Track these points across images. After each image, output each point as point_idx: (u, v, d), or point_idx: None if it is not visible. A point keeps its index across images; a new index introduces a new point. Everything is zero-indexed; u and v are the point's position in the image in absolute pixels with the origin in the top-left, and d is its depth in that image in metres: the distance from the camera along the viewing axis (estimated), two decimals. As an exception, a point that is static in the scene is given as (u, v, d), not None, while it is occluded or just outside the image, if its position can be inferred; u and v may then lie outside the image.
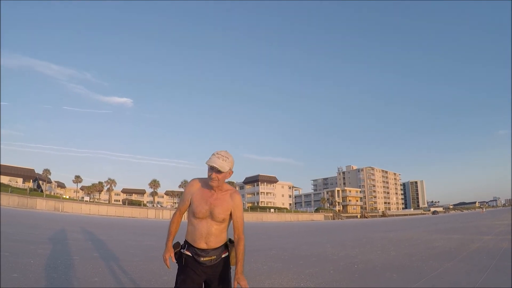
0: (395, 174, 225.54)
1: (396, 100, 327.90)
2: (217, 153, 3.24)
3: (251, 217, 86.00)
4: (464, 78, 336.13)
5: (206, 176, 3.31)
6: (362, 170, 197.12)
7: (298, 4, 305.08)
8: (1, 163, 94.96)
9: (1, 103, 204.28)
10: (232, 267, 3.36)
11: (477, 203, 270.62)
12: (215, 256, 3.32)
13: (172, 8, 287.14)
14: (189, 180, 3.53)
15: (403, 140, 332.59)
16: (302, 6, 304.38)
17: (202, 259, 3.27)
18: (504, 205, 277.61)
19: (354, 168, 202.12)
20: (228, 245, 3.44)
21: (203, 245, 3.27)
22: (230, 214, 3.39)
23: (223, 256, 3.38)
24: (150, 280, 7.76)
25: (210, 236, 3.28)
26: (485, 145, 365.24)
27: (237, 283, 3.09)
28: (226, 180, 3.38)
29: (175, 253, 3.36)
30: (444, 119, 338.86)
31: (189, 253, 3.31)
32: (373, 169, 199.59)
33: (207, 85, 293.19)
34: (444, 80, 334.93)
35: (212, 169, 3.19)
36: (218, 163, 3.16)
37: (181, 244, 3.43)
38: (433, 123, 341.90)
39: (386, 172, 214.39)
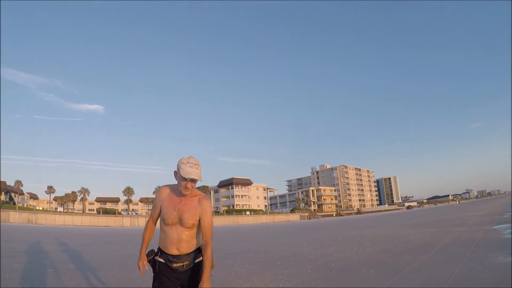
0: (368, 171, 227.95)
1: (367, 96, 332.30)
2: (188, 162, 3.18)
3: (227, 221, 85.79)
4: (436, 70, 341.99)
5: (176, 183, 3.31)
6: (335, 169, 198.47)
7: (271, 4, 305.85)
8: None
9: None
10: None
11: (450, 196, 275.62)
12: (187, 262, 3.29)
13: (139, 10, 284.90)
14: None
15: (375, 136, 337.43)
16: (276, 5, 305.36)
17: (174, 265, 3.25)
18: (476, 197, 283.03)
19: (327, 167, 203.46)
20: (202, 249, 3.33)
21: (174, 251, 3.25)
22: None
23: (196, 261, 3.34)
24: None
25: (181, 242, 3.25)
26: (456, 138, 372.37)
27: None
28: (198, 185, 3.38)
29: (149, 261, 3.37)
30: (416, 114, 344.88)
31: (162, 260, 3.29)
32: (346, 167, 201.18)
33: (177, 89, 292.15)
34: (416, 72, 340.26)
35: (186, 179, 3.15)
36: (197, 175, 3.16)
37: (155, 251, 3.42)
38: (405, 118, 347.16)
39: (360, 169, 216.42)
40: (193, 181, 3.18)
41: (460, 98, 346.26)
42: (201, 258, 3.32)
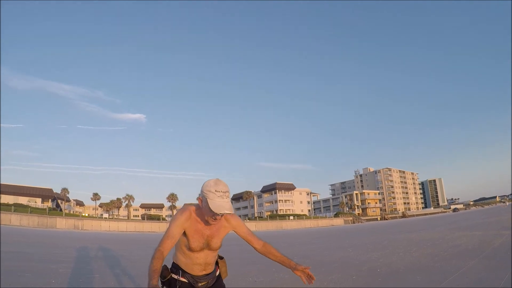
0: (412, 173, 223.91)
1: (409, 98, 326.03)
2: (216, 191, 2.75)
3: (271, 226, 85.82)
4: (476, 73, 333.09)
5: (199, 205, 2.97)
6: (379, 171, 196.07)
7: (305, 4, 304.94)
8: (20, 185, 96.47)
9: (15, 124, 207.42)
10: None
11: (497, 197, 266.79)
12: (212, 279, 3.18)
13: (176, 18, 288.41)
14: None
15: (418, 138, 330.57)
16: (309, 6, 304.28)
17: (199, 284, 3.08)
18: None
19: (371, 170, 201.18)
20: (219, 261, 3.34)
21: (201, 273, 3.08)
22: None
23: (216, 274, 3.27)
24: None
25: (208, 264, 3.10)
26: (501, 138, 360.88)
27: (302, 270, 3.16)
28: (241, 190, 3.18)
29: (164, 282, 3.07)
30: (459, 115, 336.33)
31: (185, 280, 3.05)
32: (390, 170, 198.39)
33: (219, 95, 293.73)
34: (456, 76, 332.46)
35: (211, 211, 2.75)
36: (229, 208, 2.76)
37: (169, 268, 3.15)
38: (447, 120, 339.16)
39: (404, 172, 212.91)
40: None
41: (503, 95, 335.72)
42: (218, 270, 3.30)
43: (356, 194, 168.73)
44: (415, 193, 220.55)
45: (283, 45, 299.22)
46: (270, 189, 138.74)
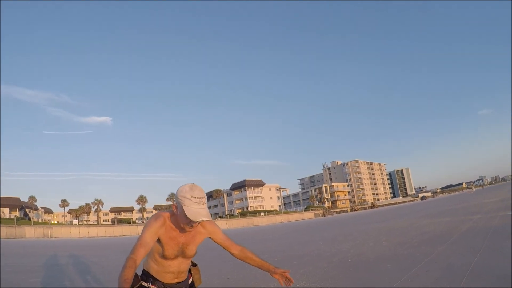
0: (380, 164, 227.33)
1: (373, 89, 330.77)
2: (192, 197, 2.60)
3: (242, 223, 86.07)
4: (440, 59, 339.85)
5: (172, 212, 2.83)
6: (347, 164, 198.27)
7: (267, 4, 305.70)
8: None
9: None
10: None
11: (464, 184, 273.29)
12: (184, 287, 3.04)
13: (142, 18, 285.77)
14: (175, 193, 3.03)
15: (384, 129, 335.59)
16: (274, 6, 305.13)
17: None
18: (490, 183, 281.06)
19: (339, 163, 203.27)
20: (191, 269, 3.21)
21: (173, 281, 2.94)
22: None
23: (189, 282, 3.14)
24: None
25: (181, 272, 2.96)
26: (466, 126, 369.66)
27: (281, 273, 3.08)
28: (211, 189, 3.01)
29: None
30: (423, 104, 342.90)
31: (155, 287, 2.91)
32: (358, 162, 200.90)
33: (184, 94, 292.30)
34: (422, 63, 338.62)
35: (187, 218, 2.60)
36: (206, 215, 2.61)
37: (139, 275, 2.97)
38: (413, 109, 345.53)
39: (371, 163, 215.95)
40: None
41: (466, 86, 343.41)
42: (191, 278, 3.19)
43: (325, 187, 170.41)
44: (383, 183, 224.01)
45: (246, 41, 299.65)
46: (240, 186, 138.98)
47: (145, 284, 2.88)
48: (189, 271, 3.16)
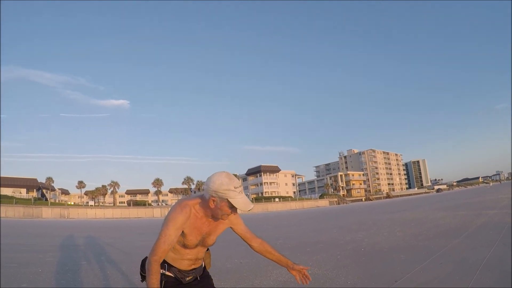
0: (396, 154, 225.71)
1: (392, 80, 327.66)
2: (235, 188, 2.60)
3: (256, 208, 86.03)
4: (459, 54, 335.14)
5: (204, 202, 2.71)
6: (363, 153, 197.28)
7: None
8: (3, 176, 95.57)
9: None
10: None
11: (480, 178, 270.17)
12: (198, 272, 3.02)
13: (163, 7, 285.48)
14: (193, 179, 2.84)
15: (402, 120, 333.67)
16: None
17: (187, 279, 2.91)
18: (507, 178, 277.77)
19: (355, 152, 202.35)
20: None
21: (190, 268, 2.92)
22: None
23: (202, 266, 3.10)
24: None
25: (198, 260, 2.96)
26: (484, 120, 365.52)
27: (299, 270, 3.05)
28: None
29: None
30: (442, 96, 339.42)
31: (171, 274, 2.85)
32: (374, 151, 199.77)
33: (203, 81, 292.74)
34: (440, 57, 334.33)
35: (234, 209, 2.62)
36: (250, 202, 2.66)
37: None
38: (431, 101, 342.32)
39: (388, 153, 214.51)
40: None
41: (484, 80, 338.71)
42: (203, 262, 3.13)
43: (341, 175, 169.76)
44: (399, 174, 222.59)
45: (267, 32, 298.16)
46: (255, 171, 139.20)
47: (161, 271, 2.75)
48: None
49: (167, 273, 2.82)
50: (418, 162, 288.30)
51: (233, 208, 2.59)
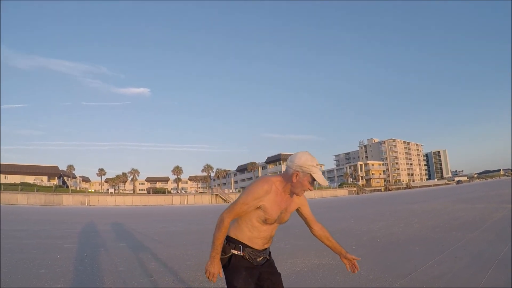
0: (417, 145, 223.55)
1: (415, 71, 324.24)
2: (317, 165, 2.83)
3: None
4: (483, 50, 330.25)
5: (282, 177, 2.95)
6: (383, 142, 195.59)
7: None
8: (26, 164, 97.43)
9: (19, 104, 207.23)
10: None
11: (501, 170, 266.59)
12: (268, 253, 3.13)
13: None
14: (212, 166, 2.95)
15: (424, 110, 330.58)
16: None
17: (258, 259, 2.99)
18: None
19: (375, 141, 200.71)
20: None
21: (263, 247, 3.01)
22: None
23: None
24: (173, 266, 7.87)
25: (271, 238, 3.08)
26: (506, 112, 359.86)
27: (351, 259, 3.28)
28: (245, 162, 2.97)
29: (224, 258, 2.94)
30: (464, 89, 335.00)
31: (246, 254, 2.92)
32: (394, 141, 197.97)
33: (224, 68, 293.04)
34: (464, 52, 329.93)
35: (312, 184, 2.85)
36: (326, 181, 2.93)
37: (227, 245, 2.97)
38: (453, 91, 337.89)
39: (408, 143, 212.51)
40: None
41: (507, 69, 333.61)
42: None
43: (361, 164, 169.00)
44: (419, 164, 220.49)
45: (284, 19, 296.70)
46: (275, 160, 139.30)
47: (235, 252, 2.92)
48: None
49: (243, 254, 2.92)
50: (439, 152, 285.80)
51: (312, 183, 2.83)
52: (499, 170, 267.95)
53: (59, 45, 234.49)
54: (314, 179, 2.80)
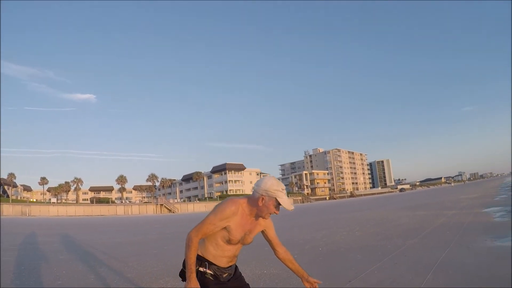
0: (361, 154, 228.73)
1: (359, 79, 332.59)
2: (283, 189, 2.90)
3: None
4: (428, 51, 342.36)
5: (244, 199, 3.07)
6: (328, 152, 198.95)
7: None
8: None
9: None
10: None
11: (443, 178, 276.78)
12: (233, 269, 3.20)
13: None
14: (157, 176, 3.01)
15: (368, 120, 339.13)
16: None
17: (224, 275, 3.07)
18: (469, 179, 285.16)
19: (320, 151, 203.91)
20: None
21: (227, 265, 3.08)
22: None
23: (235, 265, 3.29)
24: (114, 279, 7.60)
25: (235, 257, 3.16)
26: (449, 122, 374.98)
27: (312, 283, 3.29)
28: (190, 171, 2.97)
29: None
30: (409, 97, 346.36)
31: (211, 272, 3.01)
32: (339, 150, 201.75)
33: (167, 75, 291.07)
34: (407, 56, 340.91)
35: (278, 208, 2.94)
36: (292, 206, 2.99)
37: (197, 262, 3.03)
38: (397, 102, 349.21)
39: (353, 153, 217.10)
40: None
41: (452, 82, 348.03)
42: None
43: (306, 174, 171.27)
44: (363, 173, 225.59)
45: (235, 23, 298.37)
46: (220, 169, 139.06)
47: (202, 269, 2.99)
48: None
49: (208, 271, 2.99)
50: (382, 162, 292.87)
51: (277, 207, 2.92)
52: (440, 178, 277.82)
53: (5, 46, 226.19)
54: (279, 203, 2.87)
